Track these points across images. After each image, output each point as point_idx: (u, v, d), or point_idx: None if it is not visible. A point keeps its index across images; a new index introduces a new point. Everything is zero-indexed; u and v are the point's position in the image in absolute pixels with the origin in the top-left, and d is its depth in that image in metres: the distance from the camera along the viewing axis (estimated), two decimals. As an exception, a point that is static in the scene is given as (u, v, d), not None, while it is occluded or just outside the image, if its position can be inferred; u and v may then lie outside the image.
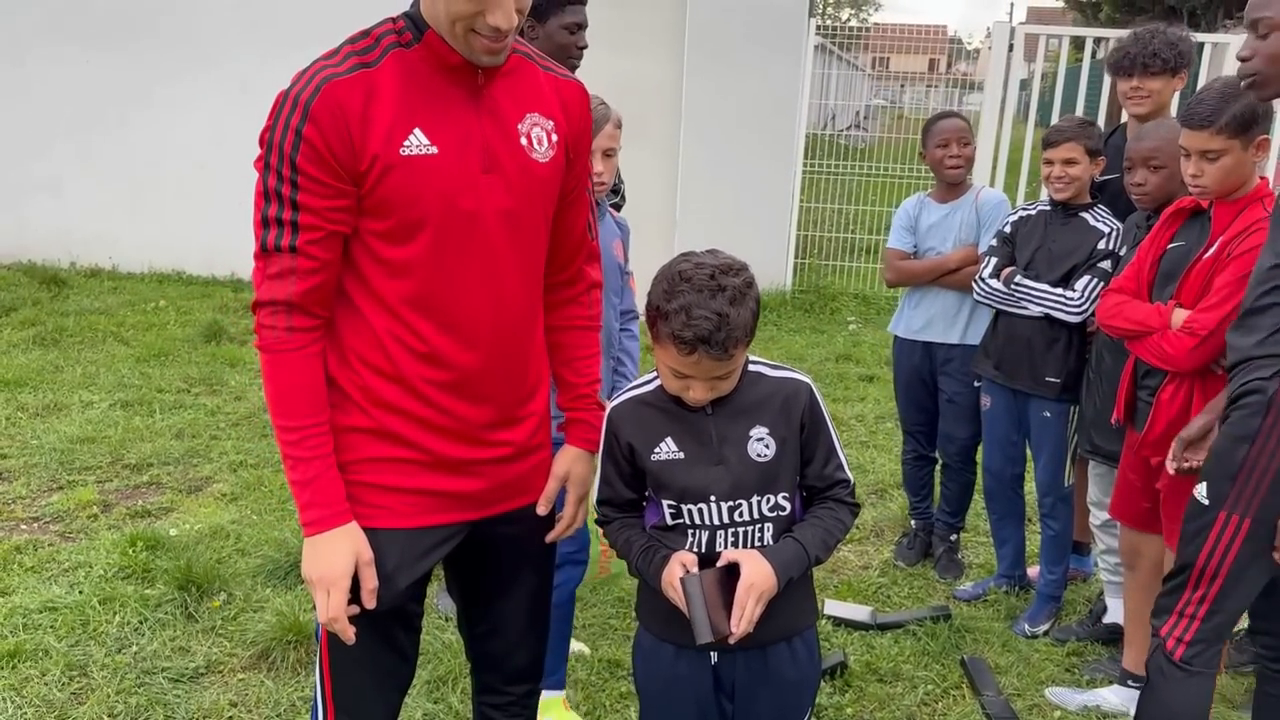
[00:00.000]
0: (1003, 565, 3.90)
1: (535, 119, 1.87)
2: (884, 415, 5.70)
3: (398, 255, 1.76)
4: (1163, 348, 2.75)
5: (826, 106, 12.15)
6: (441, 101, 1.76)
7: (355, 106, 1.68)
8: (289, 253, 1.72)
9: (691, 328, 1.78)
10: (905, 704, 3.20)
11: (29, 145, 8.56)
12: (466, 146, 1.77)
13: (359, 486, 1.85)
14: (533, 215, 1.88)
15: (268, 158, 1.70)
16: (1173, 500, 2.84)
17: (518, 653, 2.16)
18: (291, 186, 1.69)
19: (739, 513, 1.97)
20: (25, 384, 5.74)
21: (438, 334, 1.80)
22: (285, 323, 1.75)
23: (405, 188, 1.72)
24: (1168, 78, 3.51)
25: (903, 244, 3.96)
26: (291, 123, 1.66)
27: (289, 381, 1.77)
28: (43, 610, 3.48)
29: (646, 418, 2.00)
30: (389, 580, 1.85)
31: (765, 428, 1.96)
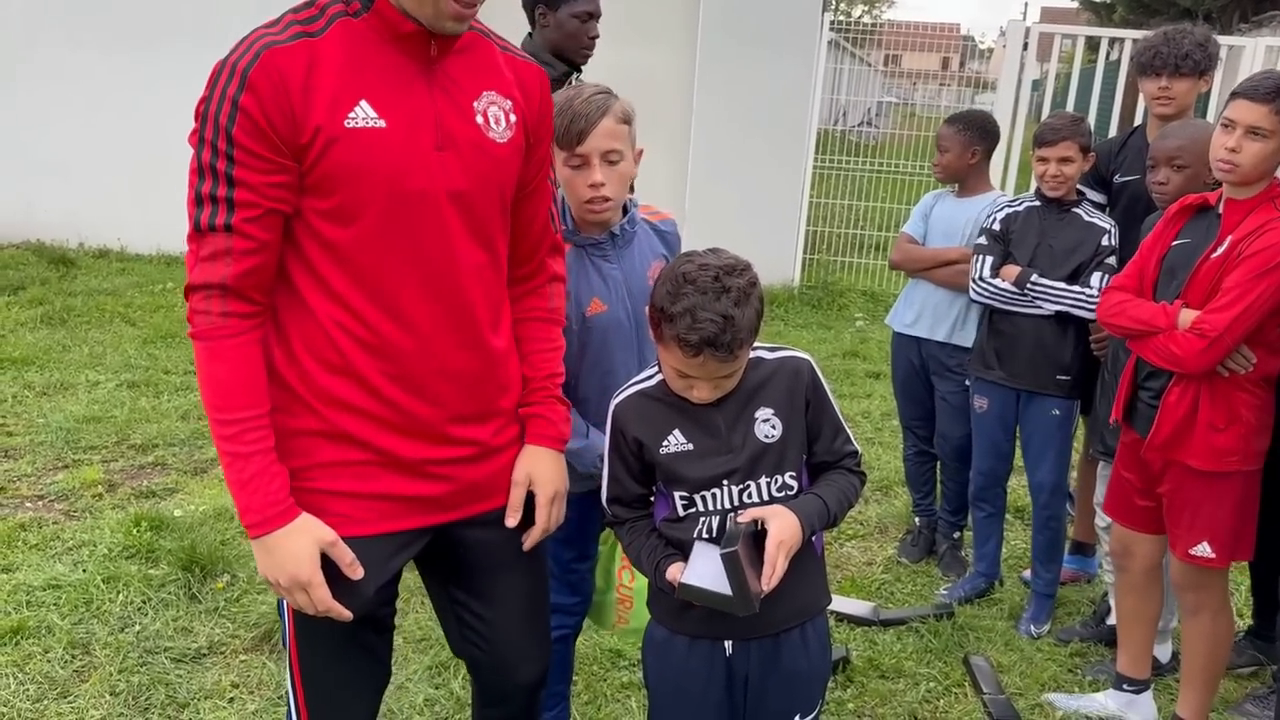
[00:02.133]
0: (983, 564, 3.89)
1: (492, 97, 1.78)
2: (890, 412, 5.68)
3: (342, 236, 1.67)
4: (1170, 349, 2.70)
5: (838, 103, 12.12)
6: (391, 73, 1.66)
7: (297, 75, 1.58)
8: (224, 232, 1.61)
9: (697, 330, 1.77)
10: (907, 701, 3.20)
11: (38, 126, 8.55)
12: (417, 122, 1.68)
13: (314, 494, 1.75)
14: (488, 197, 1.79)
15: (202, 130, 1.59)
16: (1176, 506, 2.82)
17: (522, 667, 2.03)
18: (227, 161, 1.59)
19: (748, 494, 1.97)
20: (32, 363, 5.75)
21: (386, 322, 1.71)
22: (220, 308, 1.64)
23: (349, 163, 1.63)
24: (1195, 79, 3.48)
25: (915, 230, 3.97)
26: (228, 93, 1.57)
27: (225, 371, 1.66)
28: (46, 588, 3.49)
29: (652, 412, 1.98)
30: (355, 587, 1.76)
31: (770, 408, 1.96)
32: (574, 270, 2.22)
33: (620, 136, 2.17)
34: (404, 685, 3.11)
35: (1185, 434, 2.74)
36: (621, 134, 2.18)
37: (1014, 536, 4.31)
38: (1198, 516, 2.78)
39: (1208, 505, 2.76)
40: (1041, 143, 3.43)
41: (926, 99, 16.03)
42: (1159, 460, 2.83)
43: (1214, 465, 2.73)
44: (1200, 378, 2.71)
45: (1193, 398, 2.73)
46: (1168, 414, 2.77)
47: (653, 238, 2.43)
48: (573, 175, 2.17)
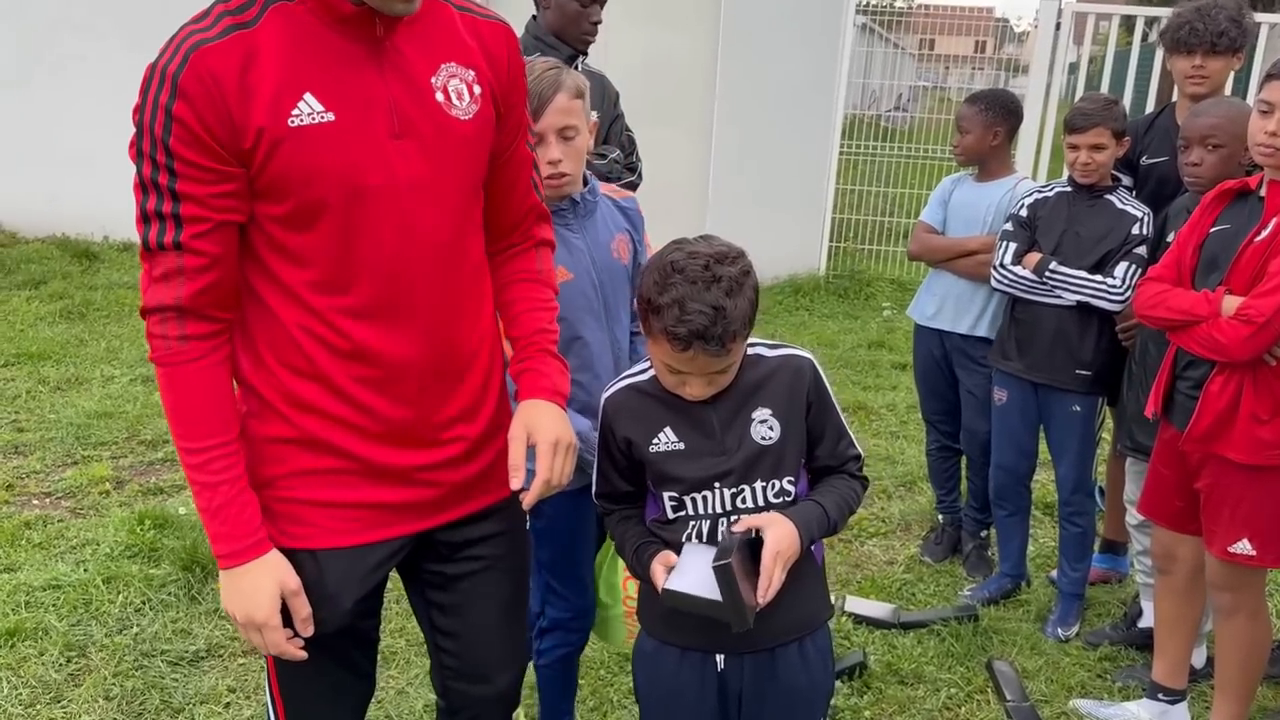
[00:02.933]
0: (1008, 564, 3.75)
1: (452, 69, 1.63)
2: (915, 405, 5.52)
3: (300, 241, 1.55)
4: (1214, 337, 2.57)
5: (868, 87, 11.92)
6: (336, 60, 1.52)
7: (231, 75, 1.46)
8: (174, 250, 1.50)
9: (685, 323, 1.66)
10: (926, 708, 3.07)
11: (62, 120, 8.56)
12: (370, 110, 1.54)
13: (290, 504, 1.67)
14: (455, 180, 1.66)
15: (139, 143, 1.49)
16: (1215, 501, 2.69)
17: (496, 677, 1.90)
18: (169, 174, 1.48)
19: (742, 498, 1.86)
20: (48, 357, 5.72)
21: (356, 326, 1.60)
22: (177, 331, 1.54)
23: (298, 164, 1.50)
24: (1229, 57, 3.31)
25: (933, 218, 3.83)
26: (160, 101, 1.46)
27: (187, 398, 1.57)
28: (46, 588, 3.43)
29: (643, 407, 1.88)
30: (332, 600, 1.68)
31: (768, 409, 1.86)
32: None
33: (575, 112, 2.17)
34: (404, 690, 3.02)
35: (1226, 426, 2.62)
36: (575, 109, 2.17)
37: (1042, 534, 4.16)
38: (1238, 512, 2.65)
39: (1249, 500, 2.63)
40: (1072, 129, 3.27)
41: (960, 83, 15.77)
42: (1198, 454, 2.70)
43: (1256, 458, 2.59)
44: (1245, 366, 2.58)
45: (1236, 388, 2.60)
46: (1209, 405, 2.64)
47: (615, 213, 2.39)
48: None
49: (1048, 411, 3.45)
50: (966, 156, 3.70)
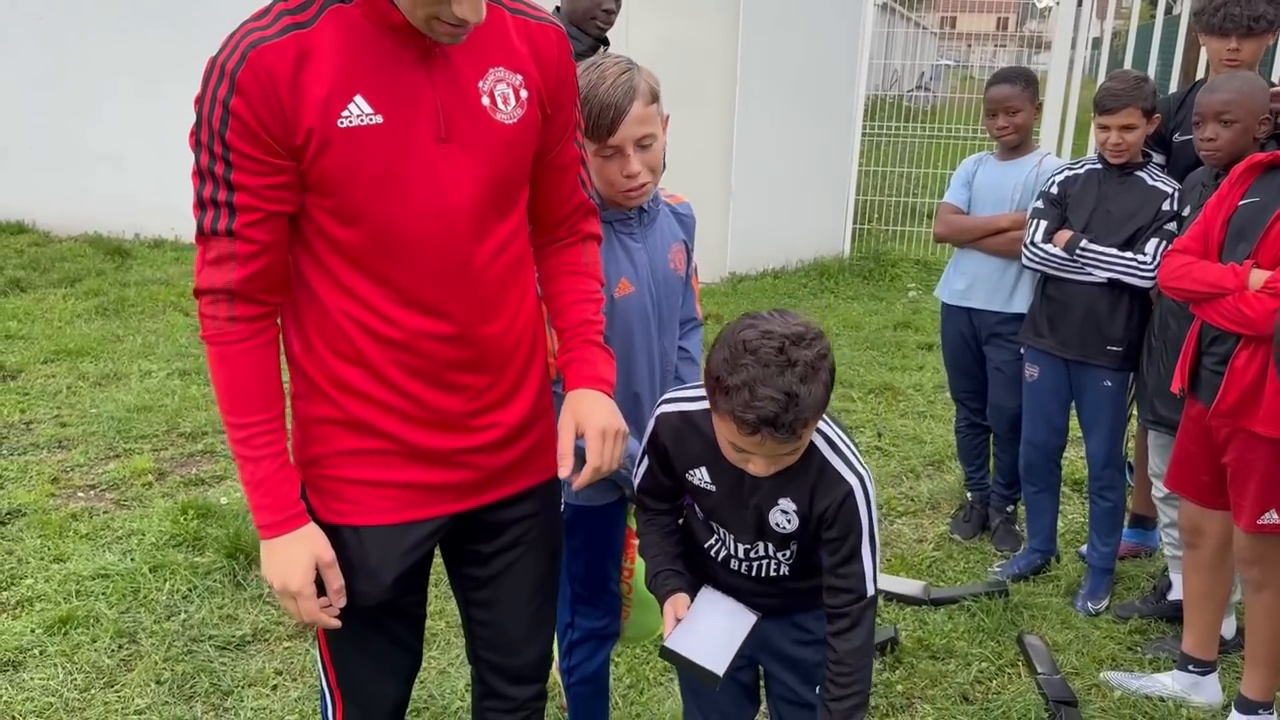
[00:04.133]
0: (1037, 540, 3.77)
1: (500, 74, 1.66)
2: (942, 385, 5.53)
3: (347, 235, 1.61)
4: (1240, 310, 2.58)
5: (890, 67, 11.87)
6: (387, 63, 1.57)
7: (285, 74, 1.50)
8: (226, 236, 1.57)
9: (755, 409, 1.59)
10: (958, 681, 3.11)
11: (92, 118, 8.68)
12: (417, 113, 1.58)
13: (334, 482, 1.74)
14: (499, 182, 1.69)
15: (199, 134, 1.54)
16: (1242, 475, 2.71)
17: (523, 650, 1.99)
18: (225, 165, 1.54)
19: (755, 551, 1.92)
20: (86, 353, 5.83)
21: (399, 315, 1.66)
22: (227, 312, 1.61)
23: (345, 165, 1.55)
24: (1264, 37, 3.30)
25: (958, 199, 3.82)
26: (219, 95, 1.51)
27: (234, 376, 1.64)
28: (95, 577, 3.53)
29: (688, 438, 1.88)
30: (374, 575, 1.76)
31: (794, 503, 1.83)
32: (603, 251, 2.12)
33: (650, 119, 2.05)
34: (445, 670, 3.10)
35: (1253, 399, 2.63)
36: (651, 115, 2.05)
37: (1071, 510, 4.19)
38: (1266, 484, 2.67)
39: (1276, 473, 2.65)
40: (1102, 110, 3.27)
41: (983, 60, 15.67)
42: (1225, 428, 2.71)
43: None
44: (1271, 340, 2.57)
45: (1262, 361, 2.62)
46: (1235, 379, 2.65)
47: (672, 220, 2.32)
48: (605, 164, 2.06)
49: (1079, 387, 3.48)
50: (1019, 135, 3.68)
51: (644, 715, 2.93)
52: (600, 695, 2.57)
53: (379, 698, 1.94)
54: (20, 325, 6.29)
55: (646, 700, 3.00)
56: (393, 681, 1.95)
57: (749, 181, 7.95)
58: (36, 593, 3.44)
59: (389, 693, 1.95)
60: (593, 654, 2.48)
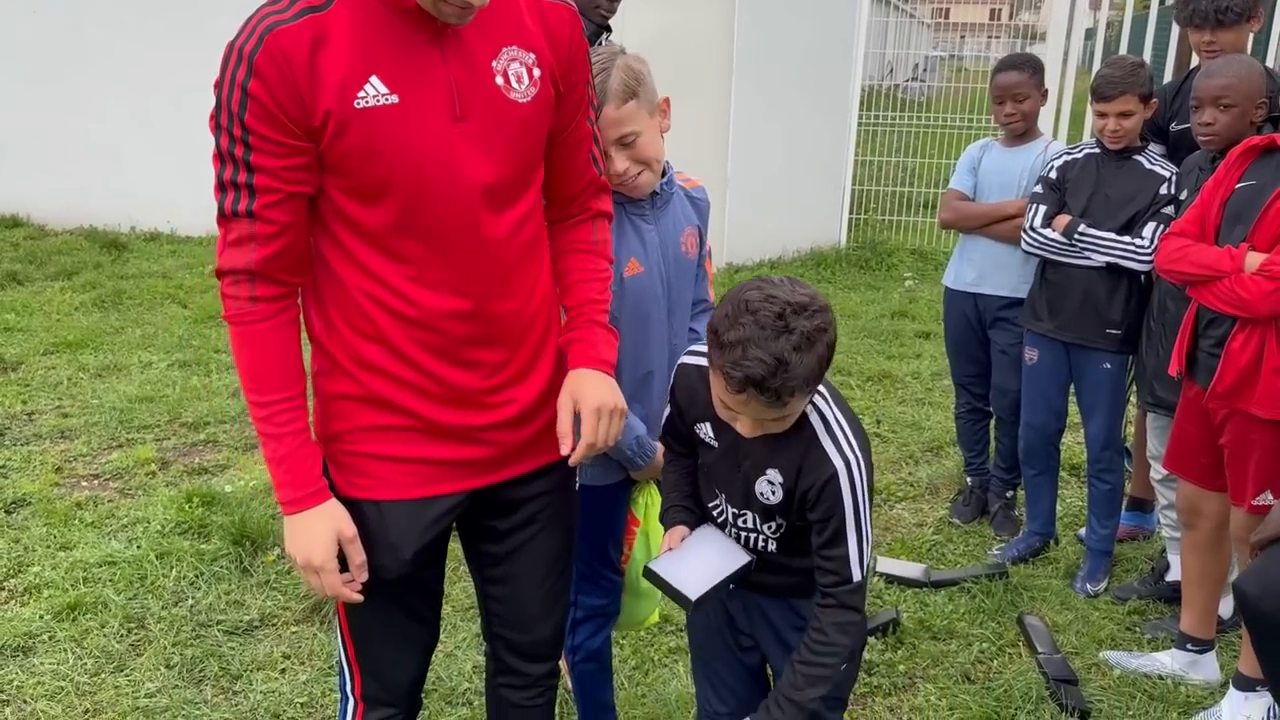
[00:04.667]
0: (1036, 523, 3.81)
1: (513, 53, 1.68)
2: (940, 372, 5.59)
3: (365, 214, 1.64)
4: (1236, 292, 2.62)
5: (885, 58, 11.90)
6: (402, 44, 1.59)
7: (301, 57, 1.53)
8: (246, 218, 1.60)
9: (743, 368, 1.62)
10: (959, 661, 3.15)
11: (89, 112, 8.67)
12: (432, 93, 1.61)
13: (354, 457, 1.77)
14: (513, 161, 1.71)
15: (218, 117, 1.57)
16: (1239, 456, 2.74)
17: (538, 626, 2.01)
18: (244, 147, 1.56)
19: (743, 520, 1.95)
20: (86, 345, 5.84)
21: (417, 294, 1.68)
22: (248, 292, 1.64)
23: (362, 145, 1.58)
24: (1240, 25, 3.34)
25: (963, 185, 3.84)
26: (237, 78, 1.53)
27: (256, 355, 1.67)
28: (102, 564, 3.55)
29: (700, 393, 1.90)
30: (394, 549, 1.79)
31: (780, 476, 1.84)
32: (613, 230, 2.14)
33: (627, 118, 2.04)
34: (452, 653, 3.12)
35: (1249, 381, 2.67)
36: (628, 115, 2.04)
37: (1069, 494, 4.23)
38: (1262, 466, 2.70)
39: (1272, 454, 2.69)
40: (1100, 97, 3.31)
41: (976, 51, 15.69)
42: (1222, 410, 2.75)
43: (1279, 413, 2.63)
44: (1267, 322, 2.63)
45: (1258, 344, 2.65)
46: (1231, 361, 2.69)
47: (686, 204, 2.33)
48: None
49: (1078, 370, 3.51)
50: (1027, 122, 3.70)
51: (649, 696, 2.96)
52: (604, 671, 2.61)
53: (398, 670, 1.97)
54: (18, 318, 6.30)
55: (652, 681, 3.03)
56: (411, 654, 1.98)
57: (745, 172, 7.97)
58: (44, 580, 3.46)
59: (408, 665, 1.98)
60: (596, 632, 2.51)
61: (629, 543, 2.45)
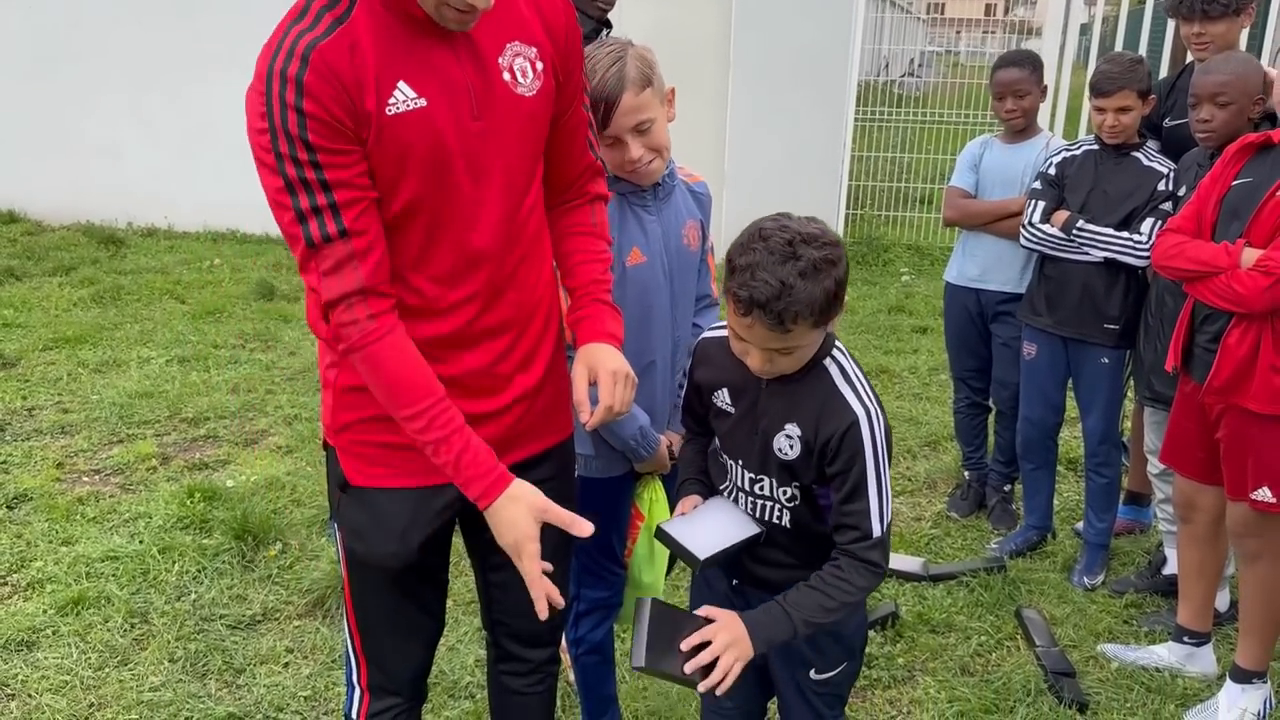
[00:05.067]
0: (1034, 517, 3.84)
1: (516, 48, 1.72)
2: (937, 367, 5.62)
3: (387, 214, 1.65)
4: (1233, 288, 2.63)
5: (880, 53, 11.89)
6: (418, 48, 1.61)
7: (346, 68, 1.54)
8: (340, 238, 1.57)
9: (750, 288, 1.68)
10: (958, 654, 3.17)
11: (86, 107, 8.65)
12: (453, 93, 1.64)
13: (364, 446, 1.80)
14: (523, 154, 1.76)
15: (275, 147, 1.53)
16: (1235, 451, 2.76)
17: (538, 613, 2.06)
18: (314, 168, 1.54)
19: (760, 486, 1.95)
20: (85, 341, 5.85)
21: (429, 288, 1.71)
22: (364, 312, 1.61)
23: (397, 148, 1.59)
24: (1231, 19, 3.36)
25: (965, 182, 3.86)
26: (288, 101, 1.51)
27: (396, 369, 1.65)
28: (105, 559, 3.56)
29: (718, 359, 1.96)
30: (403, 537, 1.81)
31: (799, 429, 1.86)
32: (615, 219, 2.18)
33: (644, 105, 2.08)
34: (454, 647, 3.14)
35: (1245, 377, 2.68)
36: (645, 102, 2.08)
37: (1066, 488, 4.26)
38: (1258, 461, 2.72)
39: (1268, 449, 2.70)
40: (1098, 92, 3.32)
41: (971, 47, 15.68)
42: (1218, 405, 2.77)
43: (1275, 408, 2.66)
44: (1263, 318, 2.64)
45: (1254, 339, 2.67)
46: (1227, 356, 2.71)
47: (688, 197, 2.36)
48: (608, 152, 2.11)
49: (1077, 365, 3.54)
50: (1027, 118, 3.72)
51: (650, 689, 2.98)
52: (607, 664, 2.63)
53: (404, 660, 1.99)
54: (17, 313, 6.30)
55: (653, 674, 3.04)
56: (417, 644, 2.01)
57: (742, 167, 7.98)
58: (47, 575, 3.47)
59: (414, 655, 2.01)
60: (598, 624, 2.54)
61: (632, 537, 2.46)
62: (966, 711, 2.91)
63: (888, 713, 2.94)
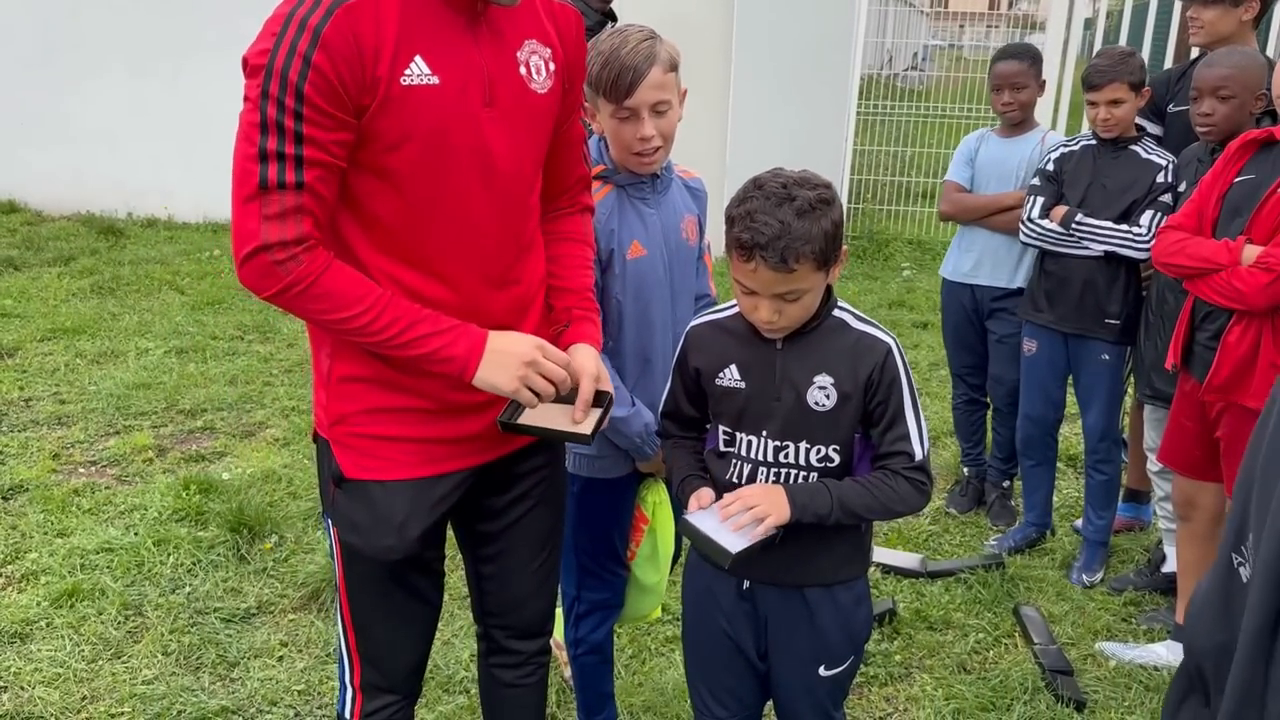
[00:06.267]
0: (1033, 513, 3.82)
1: (533, 46, 1.75)
2: (938, 362, 5.60)
3: (388, 195, 1.65)
4: (1233, 284, 2.62)
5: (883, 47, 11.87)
6: (441, 26, 1.62)
7: (368, 34, 1.53)
8: (293, 189, 1.56)
9: (750, 231, 1.74)
10: (955, 652, 3.16)
11: (86, 97, 8.63)
12: (467, 77, 1.64)
13: (361, 439, 1.79)
14: (529, 149, 1.78)
15: (265, 84, 1.51)
16: (1235, 449, 2.75)
17: (530, 602, 2.06)
18: (295, 118, 1.52)
19: (785, 454, 1.93)
20: (83, 331, 5.83)
21: (439, 276, 1.71)
22: (303, 253, 1.59)
23: (402, 121, 1.59)
24: (1226, 7, 3.34)
25: (960, 176, 3.84)
26: (298, 48, 1.50)
27: (345, 283, 1.62)
28: (100, 551, 3.55)
29: (717, 341, 1.97)
30: (401, 530, 1.80)
31: (830, 377, 1.88)
32: (614, 212, 2.19)
33: (668, 86, 2.11)
34: (449, 641, 3.13)
35: (1245, 374, 2.67)
36: (669, 83, 2.11)
37: (1066, 485, 4.24)
38: None
39: None
40: (1090, 86, 3.31)
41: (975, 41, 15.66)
42: (1218, 402, 2.75)
43: None
44: (1263, 315, 2.63)
45: (1254, 337, 2.66)
46: (1228, 354, 2.70)
47: (685, 193, 2.37)
48: (620, 126, 2.12)
49: (1077, 361, 3.52)
50: (1024, 112, 3.70)
51: (646, 684, 2.97)
52: (606, 663, 2.62)
53: (400, 655, 1.99)
54: (15, 303, 6.28)
55: (649, 670, 3.04)
56: (413, 638, 2.00)
57: (744, 160, 7.91)
58: (41, 566, 3.46)
59: (410, 649, 2.00)
60: (598, 625, 2.52)
61: (635, 540, 2.44)
62: (964, 709, 2.90)
63: (884, 710, 2.93)
